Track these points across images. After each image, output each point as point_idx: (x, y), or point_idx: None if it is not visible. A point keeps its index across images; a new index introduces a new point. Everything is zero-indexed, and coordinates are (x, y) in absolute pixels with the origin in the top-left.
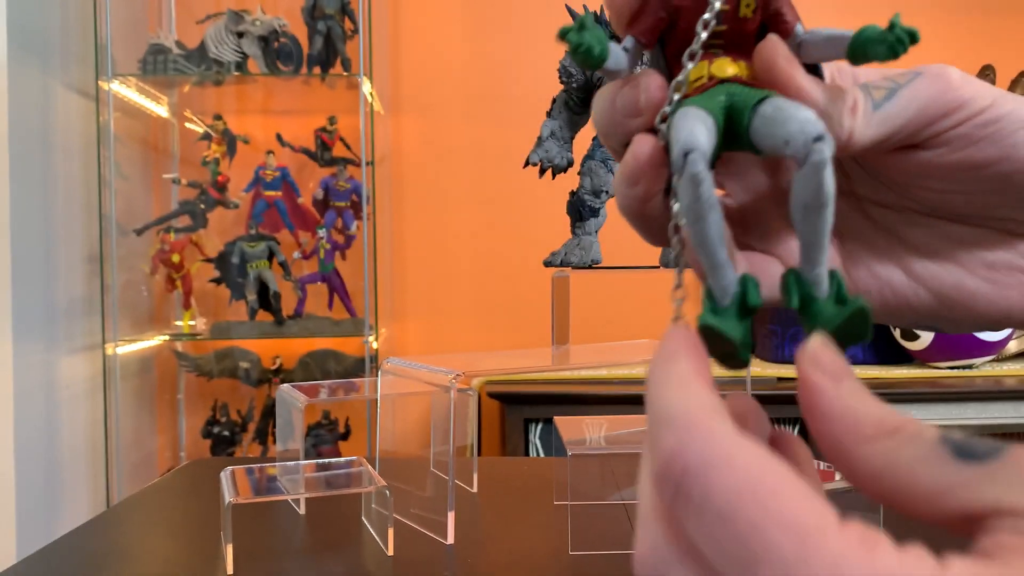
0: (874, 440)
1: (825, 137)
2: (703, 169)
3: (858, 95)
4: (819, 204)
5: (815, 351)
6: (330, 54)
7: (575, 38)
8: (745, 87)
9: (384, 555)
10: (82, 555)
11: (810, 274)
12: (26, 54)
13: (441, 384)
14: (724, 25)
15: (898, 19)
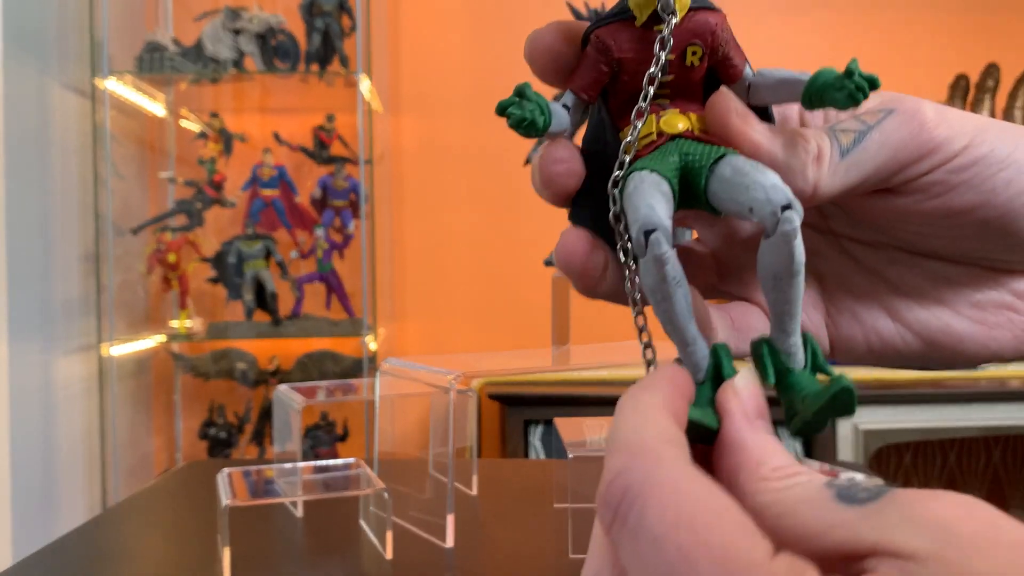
0: (767, 481)
1: (793, 204)
2: (667, 249)
3: (823, 142)
4: (790, 273)
5: (740, 385)
6: (328, 51)
7: (516, 112)
8: (699, 144)
9: (383, 558)
10: (78, 557)
11: (783, 344)
12: (22, 51)
13: (440, 385)
14: (670, 75)
15: (856, 64)
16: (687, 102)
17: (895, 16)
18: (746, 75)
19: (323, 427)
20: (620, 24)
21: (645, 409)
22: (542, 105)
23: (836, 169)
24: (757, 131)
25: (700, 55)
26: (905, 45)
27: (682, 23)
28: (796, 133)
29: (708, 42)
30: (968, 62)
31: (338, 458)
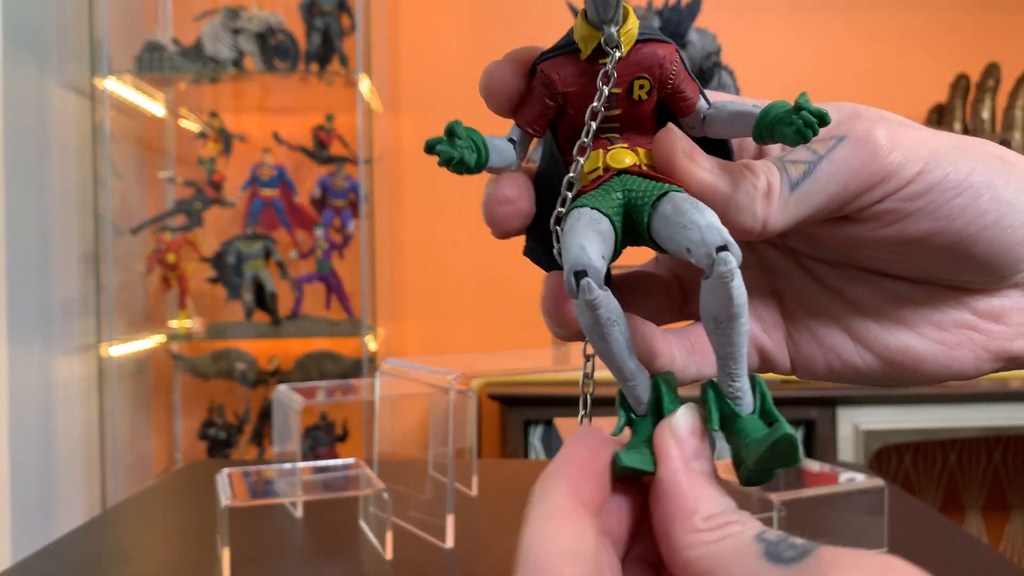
0: (699, 532)
1: (729, 246)
2: (599, 293)
3: (772, 176)
4: (729, 316)
5: (677, 423)
6: (328, 51)
7: (445, 151)
8: (644, 179)
9: (382, 559)
10: (78, 558)
11: (728, 389)
12: (21, 51)
13: (440, 385)
14: (618, 109)
15: (805, 99)
16: (637, 135)
17: (896, 16)
18: (700, 108)
19: (323, 427)
20: (565, 57)
21: (552, 511)
22: (477, 142)
23: (786, 203)
24: (703, 169)
25: (648, 89)
26: (906, 45)
27: (628, 56)
28: (744, 167)
29: (656, 75)
30: (969, 62)
31: (338, 458)
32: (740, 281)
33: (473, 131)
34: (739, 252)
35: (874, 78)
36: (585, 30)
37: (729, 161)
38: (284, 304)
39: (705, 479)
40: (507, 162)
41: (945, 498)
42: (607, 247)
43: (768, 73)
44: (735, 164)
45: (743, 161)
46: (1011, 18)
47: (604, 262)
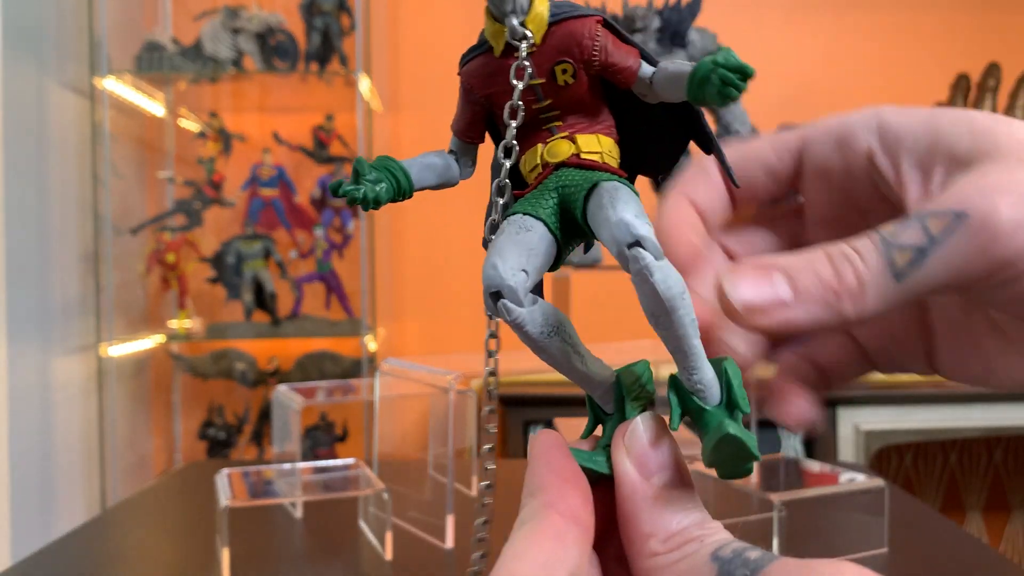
0: (656, 556)
1: (643, 240)
2: (519, 313)
3: (869, 265)
4: (665, 311)
5: (632, 438)
6: (327, 51)
7: (348, 191)
8: (579, 171)
9: (382, 559)
10: (77, 558)
11: (688, 383)
12: (21, 51)
13: (440, 385)
14: (548, 99)
15: (725, 56)
16: (580, 119)
17: (896, 16)
18: (643, 75)
19: (322, 427)
20: (482, 58)
21: (530, 535)
22: (393, 171)
23: (887, 293)
24: (772, 280)
25: (572, 72)
26: (906, 45)
27: (544, 42)
28: (835, 256)
29: (576, 56)
30: (969, 61)
31: (337, 459)
32: (664, 274)
33: (388, 160)
34: (656, 245)
35: (874, 78)
36: (492, 26)
37: (811, 253)
38: (284, 304)
39: (666, 494)
40: (448, 177)
41: (945, 498)
42: (534, 257)
43: (768, 73)
44: (814, 255)
45: (838, 246)
46: (1011, 18)
47: (524, 275)
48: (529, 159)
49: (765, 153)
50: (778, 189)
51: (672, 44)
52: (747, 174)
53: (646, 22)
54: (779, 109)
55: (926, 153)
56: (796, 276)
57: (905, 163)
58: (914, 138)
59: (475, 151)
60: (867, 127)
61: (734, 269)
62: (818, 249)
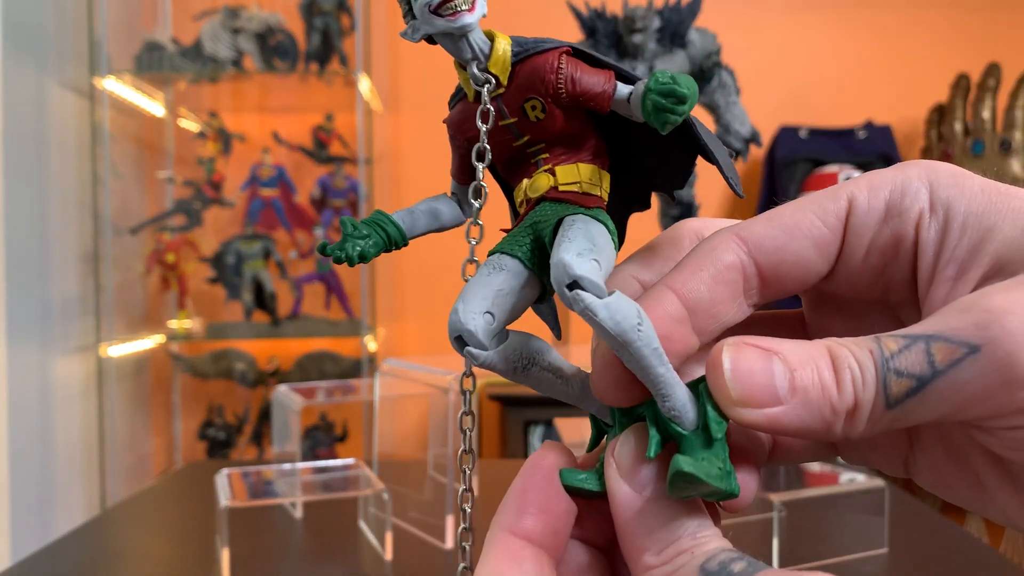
0: (651, 571)
1: (581, 280)
2: (484, 357)
3: (864, 389)
4: (619, 346)
5: (620, 455)
6: (327, 51)
7: (336, 254)
8: (553, 205)
9: (382, 559)
10: (77, 558)
11: (664, 409)
12: (21, 51)
13: (440, 385)
14: (526, 135)
15: (656, 78)
16: (566, 149)
17: (897, 16)
18: (620, 96)
19: (322, 428)
20: (461, 104)
21: (492, 561)
22: (383, 224)
23: (878, 419)
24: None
25: (541, 107)
26: (907, 45)
27: (511, 81)
28: (833, 359)
29: (543, 92)
30: (969, 61)
31: (337, 459)
32: (610, 311)
33: (379, 215)
34: (594, 284)
35: (875, 78)
36: (462, 74)
37: (814, 347)
38: (284, 304)
39: (656, 507)
40: (446, 220)
41: (942, 505)
42: (504, 296)
43: (768, 73)
44: (823, 352)
45: (844, 348)
46: (1012, 18)
47: (490, 317)
48: (518, 194)
49: (813, 224)
50: (826, 267)
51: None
52: (795, 253)
53: (646, 22)
54: (779, 109)
55: (970, 245)
56: (796, 370)
57: (945, 249)
58: (963, 221)
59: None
60: (917, 194)
61: (735, 343)
62: (822, 344)
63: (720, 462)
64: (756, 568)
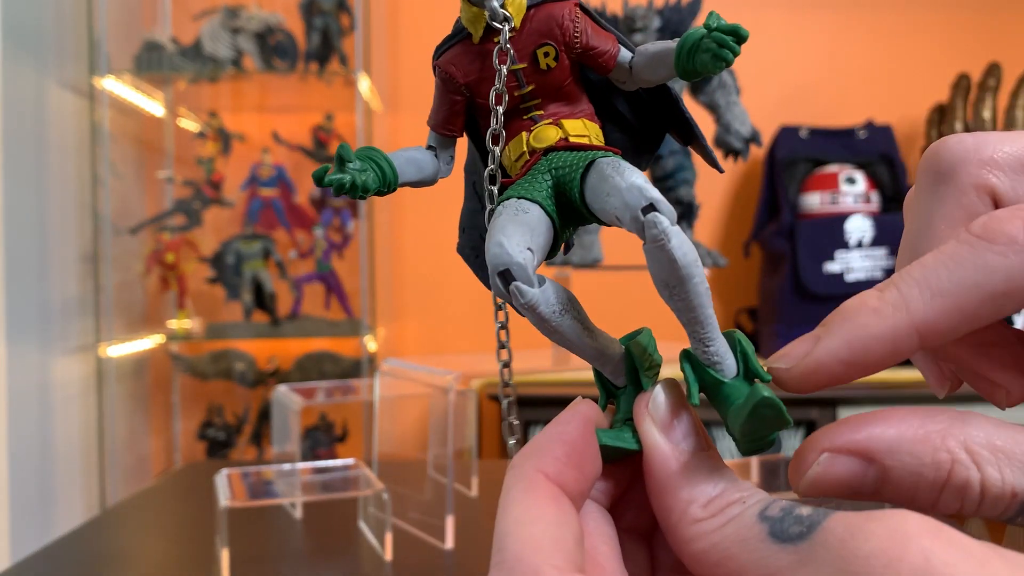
0: (699, 523)
1: (657, 203)
2: (532, 295)
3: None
4: (679, 279)
5: (656, 406)
6: (327, 50)
7: (335, 179)
8: (570, 153)
9: (382, 560)
10: (76, 559)
11: (704, 356)
12: (20, 51)
13: (440, 386)
14: (530, 85)
15: (715, 19)
16: (562, 105)
17: (897, 15)
18: (623, 59)
19: (322, 428)
20: (460, 46)
21: (531, 494)
22: (377, 160)
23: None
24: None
25: (554, 55)
26: (907, 44)
27: (523, 26)
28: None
29: (558, 38)
30: (970, 61)
31: (337, 459)
32: (680, 239)
33: (372, 150)
34: (670, 209)
35: (875, 78)
36: (469, 12)
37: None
38: (283, 304)
39: (697, 460)
40: (428, 173)
41: None
42: (536, 236)
43: (768, 73)
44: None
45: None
46: (1012, 17)
47: (531, 254)
48: (514, 148)
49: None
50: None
51: None
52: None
53: (646, 22)
54: (779, 109)
55: None
56: (891, 474)
57: None
58: None
59: (453, 146)
60: None
61: (833, 439)
62: (941, 438)
63: None
64: (826, 512)
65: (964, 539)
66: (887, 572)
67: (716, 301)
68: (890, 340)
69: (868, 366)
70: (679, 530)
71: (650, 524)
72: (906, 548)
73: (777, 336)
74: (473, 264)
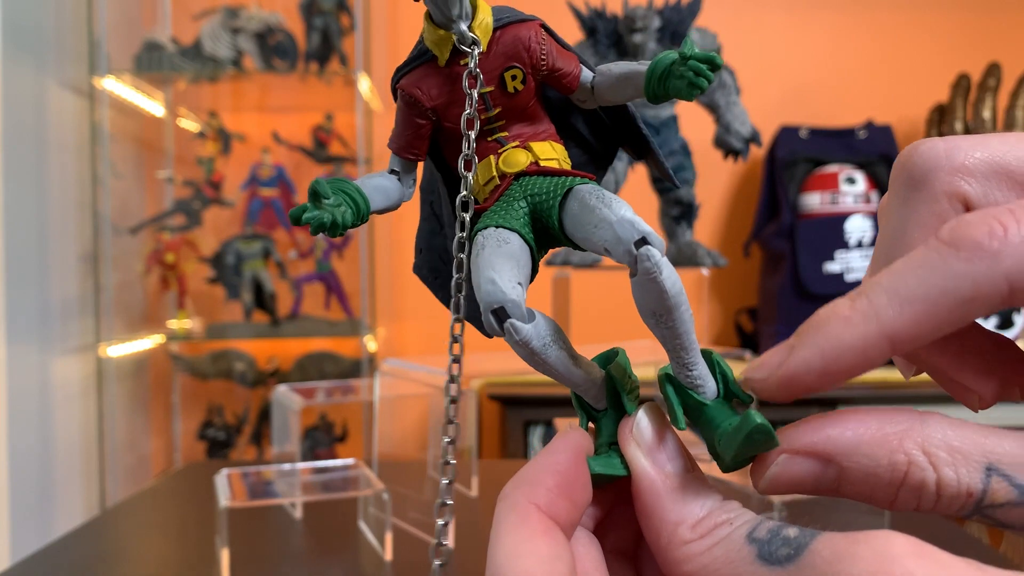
0: (688, 544)
1: (649, 236)
2: (526, 331)
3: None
4: (667, 309)
5: (640, 430)
6: (327, 50)
7: (313, 217)
8: (544, 178)
9: (382, 560)
10: (77, 559)
11: (686, 380)
12: (20, 51)
13: (440, 385)
14: (496, 107)
15: (690, 47)
16: (526, 127)
17: (897, 15)
18: (584, 79)
19: (322, 428)
20: (424, 68)
21: (525, 527)
22: (350, 193)
23: None
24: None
25: (521, 78)
26: (907, 44)
27: (490, 48)
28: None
29: (526, 61)
30: (970, 61)
31: (337, 459)
32: (670, 270)
33: (343, 182)
34: (660, 241)
35: (875, 78)
36: (434, 34)
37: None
38: (283, 304)
39: (683, 482)
40: (394, 199)
41: None
42: (521, 268)
43: (768, 73)
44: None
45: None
46: (1012, 17)
47: (521, 288)
48: (482, 172)
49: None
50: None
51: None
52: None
53: (646, 22)
54: (779, 109)
55: None
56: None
57: None
58: None
59: (415, 170)
60: None
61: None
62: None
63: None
64: (812, 533)
65: (947, 559)
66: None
67: (716, 301)
68: (861, 349)
69: (841, 375)
70: (668, 552)
71: (634, 543)
72: (891, 570)
73: (777, 336)
74: (432, 285)
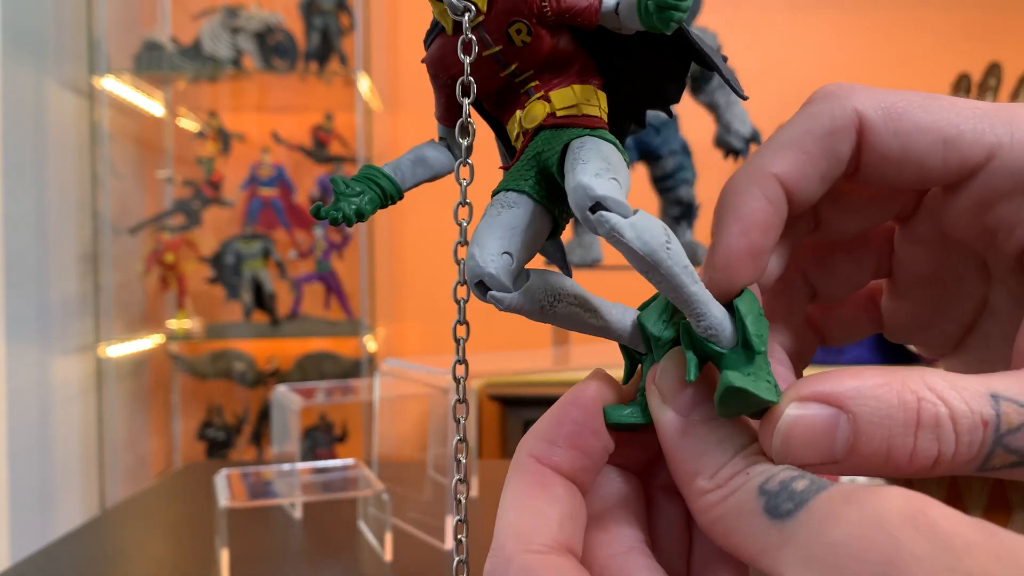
0: (706, 495)
1: (605, 200)
2: (508, 299)
3: (950, 455)
4: (648, 266)
5: (663, 378)
6: (327, 50)
7: (329, 213)
8: (553, 131)
9: (382, 560)
10: (76, 559)
11: (699, 330)
12: (20, 50)
13: (440, 385)
14: (513, 63)
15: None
16: (556, 75)
17: (897, 15)
18: (607, 7)
19: (322, 428)
20: (439, 40)
21: (516, 485)
22: (374, 179)
23: (954, 470)
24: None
25: (527, 30)
26: (907, 44)
27: (492, 7)
28: (917, 417)
29: (527, 13)
30: (970, 61)
31: (337, 459)
32: (637, 231)
33: (370, 169)
34: (619, 201)
35: (875, 78)
36: (436, 6)
37: (888, 390)
38: (283, 304)
39: (705, 430)
40: (442, 165)
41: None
42: (519, 232)
43: (768, 73)
44: (895, 400)
45: (911, 420)
46: (1012, 18)
47: (509, 258)
48: (512, 128)
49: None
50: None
51: None
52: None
53: None
54: (779, 109)
55: None
56: (862, 436)
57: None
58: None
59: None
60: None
61: (801, 401)
62: (912, 393)
63: (766, 375)
64: (818, 487)
65: (948, 526)
66: (851, 564)
67: None
68: (765, 200)
69: (766, 231)
70: (690, 501)
71: None
72: (874, 538)
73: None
74: None
